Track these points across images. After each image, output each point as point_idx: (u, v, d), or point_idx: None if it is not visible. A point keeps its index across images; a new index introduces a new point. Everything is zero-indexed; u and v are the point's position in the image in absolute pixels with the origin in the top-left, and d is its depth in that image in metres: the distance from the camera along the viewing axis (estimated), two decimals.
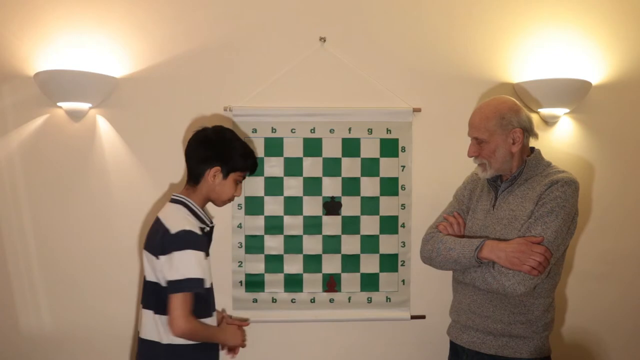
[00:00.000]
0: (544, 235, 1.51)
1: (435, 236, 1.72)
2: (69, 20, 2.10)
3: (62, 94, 2.03)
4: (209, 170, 1.64)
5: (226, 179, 1.67)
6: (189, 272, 1.52)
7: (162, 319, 1.58)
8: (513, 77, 2.24)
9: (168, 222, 1.58)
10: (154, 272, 1.59)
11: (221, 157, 1.65)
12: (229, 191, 1.68)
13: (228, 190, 1.68)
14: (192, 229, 1.55)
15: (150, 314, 1.62)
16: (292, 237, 2.19)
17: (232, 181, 1.68)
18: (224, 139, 1.68)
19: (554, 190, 1.55)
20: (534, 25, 2.24)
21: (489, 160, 1.63)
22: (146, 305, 1.64)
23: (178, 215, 1.60)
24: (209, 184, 1.66)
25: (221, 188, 1.67)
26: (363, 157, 2.20)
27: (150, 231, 1.66)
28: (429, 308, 2.24)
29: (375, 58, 2.20)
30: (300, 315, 2.19)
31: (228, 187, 1.67)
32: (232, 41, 2.17)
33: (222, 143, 1.67)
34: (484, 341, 1.64)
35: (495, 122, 1.60)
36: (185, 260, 1.52)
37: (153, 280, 1.60)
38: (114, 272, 2.15)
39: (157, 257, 1.56)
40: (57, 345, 2.16)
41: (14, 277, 2.14)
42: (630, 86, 2.28)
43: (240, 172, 1.69)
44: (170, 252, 1.53)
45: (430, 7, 2.22)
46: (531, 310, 1.60)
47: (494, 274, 1.54)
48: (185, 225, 1.55)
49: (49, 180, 2.13)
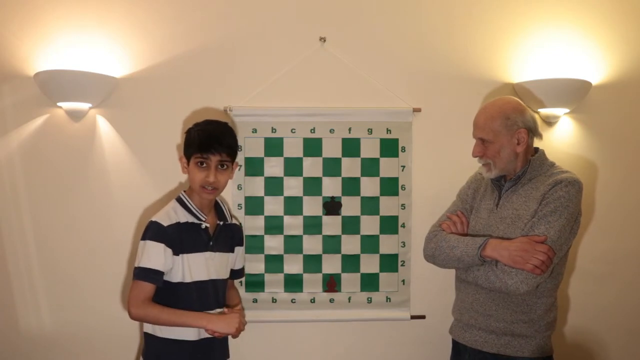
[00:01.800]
0: (547, 234, 1.52)
1: (439, 234, 1.72)
2: (69, 20, 2.10)
3: (62, 94, 2.03)
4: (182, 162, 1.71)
5: (189, 165, 1.69)
6: (144, 262, 1.58)
7: None
8: (513, 77, 2.24)
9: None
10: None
11: (185, 144, 1.70)
12: (194, 176, 1.67)
13: (193, 175, 1.67)
14: (158, 220, 1.62)
15: None
16: (292, 237, 2.19)
17: (194, 165, 1.66)
18: (192, 127, 1.71)
19: (557, 190, 1.55)
20: (534, 25, 2.24)
21: (494, 161, 1.64)
22: None
23: (164, 209, 1.68)
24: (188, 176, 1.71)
25: (190, 175, 1.70)
26: (363, 157, 2.20)
27: None
28: (429, 308, 2.23)
29: (375, 58, 2.20)
30: (300, 315, 2.19)
31: (192, 172, 1.67)
32: (232, 41, 2.17)
33: (188, 131, 1.71)
34: (486, 340, 1.65)
35: (500, 123, 1.61)
36: (144, 250, 1.60)
37: None
38: (114, 272, 2.15)
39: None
40: (57, 345, 2.15)
41: (14, 277, 2.14)
42: (630, 86, 2.28)
43: (195, 153, 1.66)
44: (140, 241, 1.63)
45: (430, 7, 2.22)
46: (534, 310, 1.60)
47: (497, 272, 1.54)
48: (156, 217, 1.63)
49: (49, 180, 2.13)
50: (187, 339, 1.66)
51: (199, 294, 1.68)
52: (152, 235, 1.60)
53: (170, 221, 1.63)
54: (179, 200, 1.70)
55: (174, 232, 1.63)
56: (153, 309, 1.58)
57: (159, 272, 1.59)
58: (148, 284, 1.58)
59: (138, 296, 1.57)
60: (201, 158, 1.65)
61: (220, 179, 1.67)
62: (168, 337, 1.65)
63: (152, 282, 1.58)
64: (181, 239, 1.64)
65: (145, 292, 1.58)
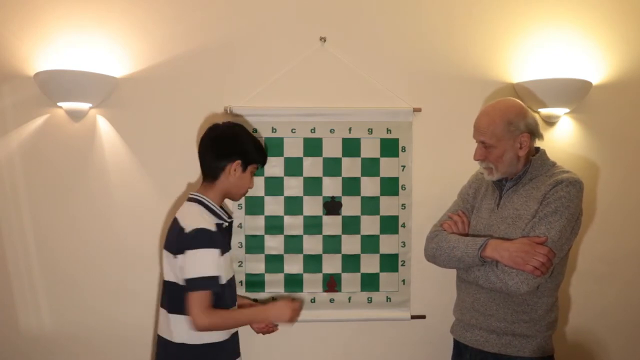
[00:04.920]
0: (547, 235, 1.51)
1: (440, 234, 1.72)
2: (69, 20, 2.10)
3: (62, 94, 2.03)
4: (230, 165, 1.67)
5: (245, 172, 1.70)
6: (204, 270, 1.55)
7: (174, 318, 1.62)
8: (513, 77, 2.24)
9: (184, 221, 1.60)
10: (173, 271, 1.62)
11: (240, 151, 1.69)
12: (247, 183, 1.73)
13: (247, 182, 1.73)
14: (205, 226, 1.57)
15: (164, 313, 1.66)
16: (293, 237, 2.19)
17: (249, 173, 1.73)
18: (240, 134, 1.73)
19: (558, 190, 1.55)
20: (534, 25, 2.24)
21: (496, 165, 1.63)
22: (162, 304, 1.69)
23: (193, 214, 1.62)
24: (229, 179, 1.68)
25: (241, 181, 1.71)
26: (363, 157, 2.20)
27: (168, 230, 1.70)
28: (429, 308, 2.23)
29: (375, 58, 2.20)
30: (301, 315, 2.18)
31: (247, 179, 1.72)
32: (232, 41, 2.17)
33: (239, 137, 1.71)
34: (487, 339, 1.65)
35: (503, 128, 1.59)
36: (200, 259, 1.55)
37: (171, 280, 1.64)
38: (114, 272, 2.15)
39: (175, 256, 1.59)
40: (57, 345, 2.15)
41: (14, 277, 2.13)
42: (630, 86, 2.28)
43: (256, 164, 1.74)
44: (185, 251, 1.56)
45: (430, 7, 2.22)
46: (534, 309, 1.60)
47: (498, 273, 1.54)
48: (200, 224, 1.57)
49: (49, 180, 2.13)
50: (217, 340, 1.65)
51: (229, 293, 1.71)
52: (205, 242, 1.56)
53: (212, 226, 1.61)
54: (202, 204, 1.66)
55: (219, 236, 1.63)
56: (217, 316, 1.57)
57: (215, 278, 1.57)
58: (208, 292, 1.55)
59: (201, 307, 1.54)
60: (257, 168, 1.74)
61: None
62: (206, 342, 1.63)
63: (212, 288, 1.56)
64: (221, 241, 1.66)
65: (207, 300, 1.55)
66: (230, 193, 1.73)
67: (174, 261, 1.60)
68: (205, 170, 1.71)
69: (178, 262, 1.58)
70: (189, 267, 1.55)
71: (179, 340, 1.62)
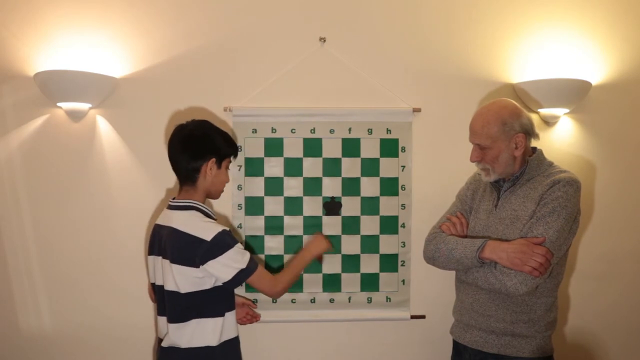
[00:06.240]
0: (545, 235, 1.51)
1: (438, 236, 1.72)
2: (69, 20, 2.10)
3: (62, 94, 2.03)
4: (205, 164, 1.65)
5: (220, 168, 1.69)
6: (244, 257, 1.60)
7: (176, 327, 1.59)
8: (513, 78, 2.24)
9: (195, 231, 1.57)
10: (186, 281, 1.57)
11: (212, 148, 1.66)
12: (224, 179, 1.71)
13: (224, 178, 1.71)
14: (220, 229, 1.58)
15: (164, 321, 1.64)
16: (292, 238, 2.19)
17: (224, 169, 1.71)
18: (209, 131, 1.69)
19: (555, 190, 1.55)
20: (534, 25, 2.24)
21: (492, 166, 1.63)
22: (161, 313, 1.67)
23: (201, 223, 1.60)
24: (207, 178, 1.66)
25: (218, 178, 1.69)
26: (363, 157, 2.20)
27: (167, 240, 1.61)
28: (429, 308, 2.24)
29: (375, 58, 2.20)
30: (300, 315, 2.19)
31: (223, 175, 1.71)
32: (232, 41, 2.17)
33: (209, 135, 1.68)
34: (487, 340, 1.65)
35: (498, 129, 1.59)
36: (235, 254, 1.58)
37: (172, 290, 1.59)
38: (114, 272, 2.15)
39: (198, 267, 1.56)
40: (57, 345, 2.15)
41: (14, 277, 2.14)
42: (630, 86, 2.29)
43: (229, 158, 1.71)
44: (218, 256, 1.55)
45: (430, 7, 2.22)
46: (533, 310, 1.60)
47: (496, 273, 1.54)
48: (215, 228, 1.57)
49: (48, 180, 2.13)
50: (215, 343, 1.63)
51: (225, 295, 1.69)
52: (232, 240, 1.59)
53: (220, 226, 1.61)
54: (199, 210, 1.64)
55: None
56: (282, 280, 1.69)
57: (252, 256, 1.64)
58: (260, 267, 1.64)
59: (266, 281, 1.65)
60: (230, 161, 1.72)
61: None
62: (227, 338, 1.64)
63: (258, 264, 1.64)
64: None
65: (265, 273, 1.66)
66: (210, 192, 1.70)
67: (189, 271, 1.56)
68: (183, 173, 1.67)
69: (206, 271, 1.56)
70: (233, 265, 1.57)
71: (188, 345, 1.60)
